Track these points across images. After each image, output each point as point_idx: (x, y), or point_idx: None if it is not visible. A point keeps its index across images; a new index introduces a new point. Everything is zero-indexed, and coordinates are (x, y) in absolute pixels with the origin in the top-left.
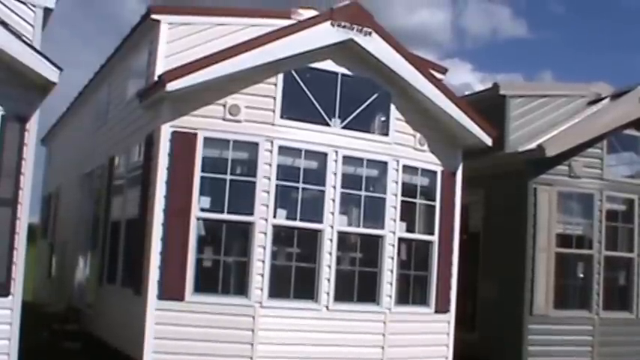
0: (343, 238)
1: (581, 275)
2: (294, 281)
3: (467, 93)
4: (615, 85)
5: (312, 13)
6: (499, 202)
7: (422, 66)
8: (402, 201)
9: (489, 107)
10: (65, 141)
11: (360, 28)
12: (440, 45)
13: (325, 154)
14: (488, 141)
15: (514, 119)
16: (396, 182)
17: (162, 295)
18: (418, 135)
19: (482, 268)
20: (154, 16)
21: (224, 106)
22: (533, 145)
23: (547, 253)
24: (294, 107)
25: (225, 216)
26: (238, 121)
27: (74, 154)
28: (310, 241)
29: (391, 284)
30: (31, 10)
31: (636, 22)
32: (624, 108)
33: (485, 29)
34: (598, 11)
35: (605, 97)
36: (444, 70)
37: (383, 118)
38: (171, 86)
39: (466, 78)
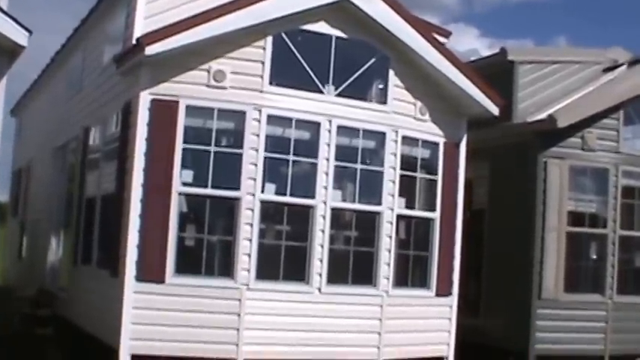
0: (337, 215)
1: (594, 256)
2: (283, 262)
3: (472, 59)
4: (633, 51)
5: None
6: (506, 176)
7: (423, 29)
8: (401, 175)
9: (496, 74)
10: (36, 112)
11: None
12: (446, 8)
13: (318, 124)
14: (495, 110)
15: (523, 87)
16: (395, 154)
17: (140, 277)
18: (419, 103)
19: (488, 248)
20: None
21: (208, 71)
22: (543, 116)
23: (557, 232)
24: (285, 73)
25: (208, 191)
26: (223, 88)
27: (46, 125)
28: (301, 218)
29: (389, 265)
30: None
31: None
32: None
33: None
34: None
35: (622, 64)
36: (447, 34)
37: (381, 85)
38: (151, 50)
39: (473, 44)
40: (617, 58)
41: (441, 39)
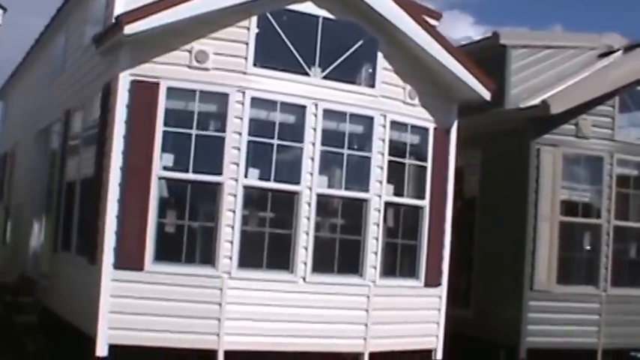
0: (323, 202)
1: (588, 247)
2: (267, 249)
3: (464, 43)
4: (629, 37)
5: None
6: (497, 164)
7: (413, 10)
8: (390, 161)
9: (488, 58)
10: (21, 95)
11: None
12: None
13: (304, 107)
14: (487, 95)
15: (515, 72)
16: (383, 140)
17: (118, 264)
18: (408, 87)
19: (478, 238)
20: None
21: (190, 52)
22: (536, 101)
23: (550, 222)
24: (269, 54)
25: (190, 175)
26: (206, 69)
27: (30, 108)
28: (286, 204)
29: (376, 254)
30: None
31: None
32: (638, 62)
33: None
34: None
35: (618, 50)
36: (438, 16)
37: (369, 68)
38: (130, 29)
39: (467, 31)
40: (613, 44)
41: (432, 21)
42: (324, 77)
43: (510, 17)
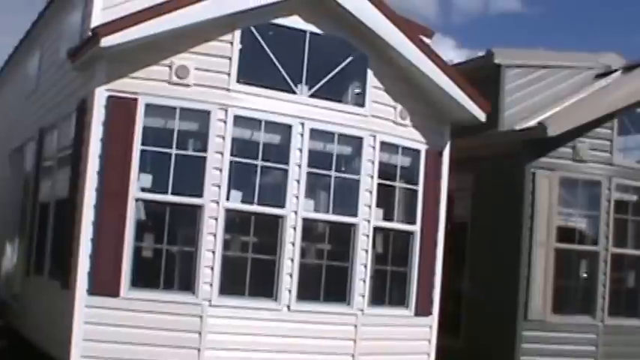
0: (309, 227)
1: (585, 275)
2: (249, 276)
3: (456, 62)
4: (627, 57)
5: None
6: (491, 188)
7: (404, 25)
8: (379, 184)
9: (482, 78)
10: None
11: None
12: (422, 18)
13: (289, 127)
14: (482, 116)
15: (510, 92)
16: (373, 162)
17: (93, 290)
18: (399, 107)
19: (470, 265)
20: None
21: (170, 67)
22: (532, 123)
23: (546, 248)
24: (254, 70)
25: (169, 197)
26: (187, 86)
27: (4, 127)
28: (270, 229)
29: (364, 282)
30: None
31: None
32: (638, 83)
33: (475, 3)
34: None
35: (616, 70)
36: (430, 34)
37: (358, 86)
38: (107, 41)
39: (449, 55)
40: (611, 64)
41: (424, 39)
42: (311, 95)
43: (492, 41)
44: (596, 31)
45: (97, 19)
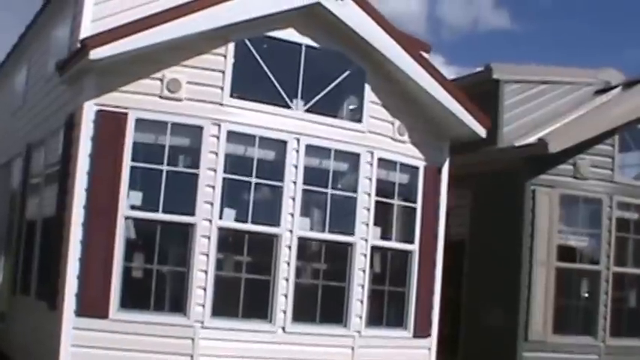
0: (304, 246)
1: (586, 295)
2: (243, 297)
3: (454, 77)
4: (626, 73)
5: None
6: (489, 205)
7: (403, 39)
8: (377, 202)
9: (480, 94)
10: None
11: None
12: (416, 36)
13: (284, 143)
14: (482, 132)
15: (509, 108)
16: (370, 179)
17: (81, 311)
18: (397, 122)
19: (468, 284)
20: None
21: (161, 80)
22: (532, 139)
23: (546, 267)
24: (248, 84)
25: (159, 215)
26: (178, 100)
27: None
28: (264, 248)
29: (362, 302)
30: None
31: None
32: (638, 99)
33: (464, 20)
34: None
35: (616, 86)
36: (428, 48)
37: (355, 101)
38: (96, 54)
39: None
40: (610, 80)
41: (422, 54)
42: (307, 110)
43: (482, 58)
44: (588, 47)
45: (86, 31)
